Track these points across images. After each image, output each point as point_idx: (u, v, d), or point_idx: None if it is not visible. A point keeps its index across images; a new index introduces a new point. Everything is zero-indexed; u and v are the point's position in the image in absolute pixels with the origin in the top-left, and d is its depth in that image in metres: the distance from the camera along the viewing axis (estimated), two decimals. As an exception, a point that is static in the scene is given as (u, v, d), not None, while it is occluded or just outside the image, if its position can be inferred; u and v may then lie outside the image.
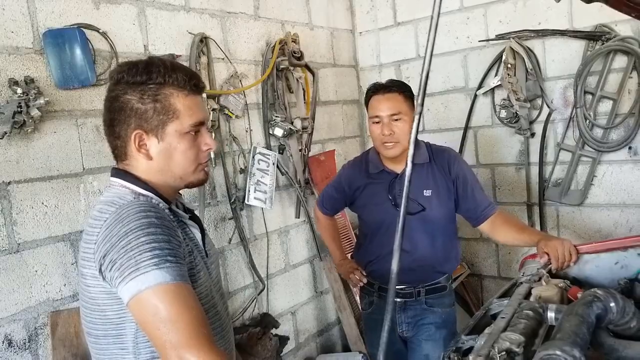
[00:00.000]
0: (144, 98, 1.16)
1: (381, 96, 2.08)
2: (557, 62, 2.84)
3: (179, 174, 1.22)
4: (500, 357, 0.95)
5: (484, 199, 2.12)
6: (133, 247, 1.05)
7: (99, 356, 1.20)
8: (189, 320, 1.03)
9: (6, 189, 1.81)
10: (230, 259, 2.66)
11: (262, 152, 2.75)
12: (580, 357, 0.87)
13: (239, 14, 2.71)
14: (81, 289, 1.19)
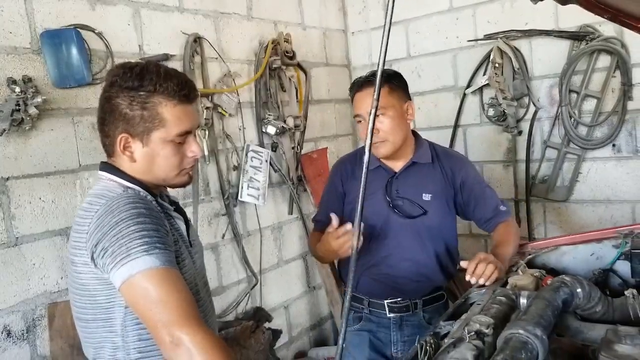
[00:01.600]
0: (133, 104, 1.20)
1: (362, 93, 1.87)
2: (543, 61, 2.91)
3: (161, 177, 1.27)
4: (470, 337, 1.01)
5: (491, 207, 1.94)
6: (124, 235, 1.10)
7: (88, 339, 1.26)
8: (179, 302, 1.08)
9: (5, 185, 1.87)
10: (224, 254, 2.72)
11: (255, 149, 2.81)
12: (542, 336, 0.94)
13: (232, 14, 2.77)
14: (71, 277, 1.24)
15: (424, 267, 1.92)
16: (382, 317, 1.95)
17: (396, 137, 1.85)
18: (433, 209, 1.89)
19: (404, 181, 1.91)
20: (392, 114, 1.83)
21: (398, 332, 1.94)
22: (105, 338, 1.22)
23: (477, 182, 1.98)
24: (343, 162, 2.11)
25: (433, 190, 1.91)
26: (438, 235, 1.93)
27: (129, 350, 1.21)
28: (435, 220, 1.90)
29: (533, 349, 0.92)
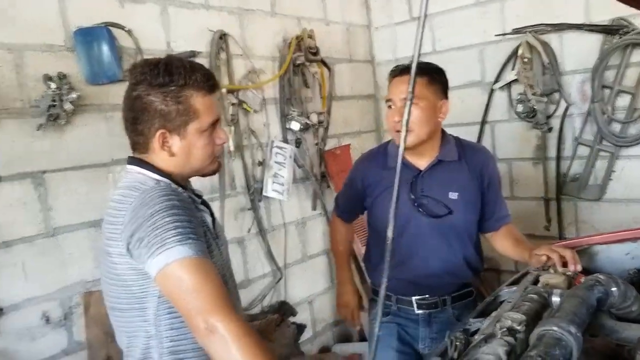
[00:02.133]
0: (167, 100, 1.22)
1: (399, 78, 1.84)
2: (574, 56, 2.84)
3: (197, 167, 1.31)
4: (501, 333, 1.00)
5: (504, 207, 1.98)
6: (159, 226, 1.13)
7: (122, 328, 1.30)
8: (212, 290, 1.11)
9: (42, 177, 1.95)
10: (249, 248, 2.75)
11: (279, 145, 2.83)
12: (576, 333, 0.92)
13: (256, 10, 2.79)
14: (106, 267, 1.28)
15: (451, 266, 1.90)
16: (410, 313, 1.95)
17: (422, 129, 1.80)
18: (459, 207, 1.87)
19: (430, 180, 1.88)
20: (423, 106, 1.78)
21: (426, 328, 1.94)
22: (139, 327, 1.25)
23: (498, 180, 1.98)
24: (365, 161, 2.09)
25: (459, 188, 1.87)
26: (464, 234, 1.91)
27: (161, 339, 1.24)
28: (461, 219, 1.88)
29: (567, 346, 0.91)
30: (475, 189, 1.90)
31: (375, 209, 1.98)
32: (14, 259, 1.88)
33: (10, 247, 1.87)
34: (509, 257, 2.35)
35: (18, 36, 1.88)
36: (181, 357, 1.25)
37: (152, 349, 1.25)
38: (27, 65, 1.91)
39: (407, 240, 1.87)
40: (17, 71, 1.89)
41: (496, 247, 2.01)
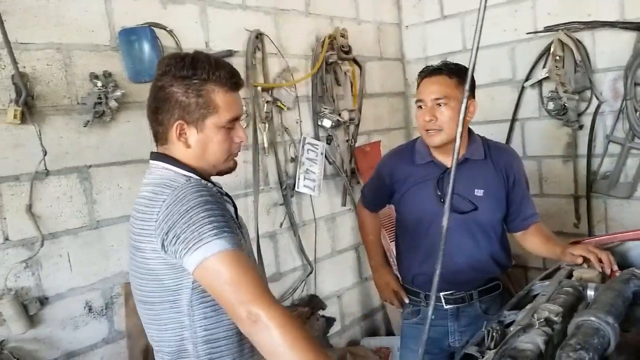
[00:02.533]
0: (189, 92, 1.25)
1: (429, 79, 1.89)
2: (607, 53, 2.83)
3: (212, 162, 1.32)
4: (539, 323, 1.04)
5: (531, 207, 2.01)
6: (195, 222, 1.15)
7: (153, 322, 1.32)
8: (250, 280, 1.13)
9: (87, 172, 2.04)
10: (281, 242, 2.82)
11: (311, 142, 2.89)
12: (614, 324, 0.96)
13: (290, 10, 2.85)
14: (136, 262, 1.29)
15: (477, 261, 1.94)
16: (439, 309, 1.99)
17: (452, 128, 1.84)
18: (484, 204, 1.90)
19: (456, 176, 1.90)
20: (453, 106, 1.83)
21: (455, 323, 1.98)
22: (172, 319, 1.27)
23: (524, 179, 2.00)
24: (393, 157, 2.14)
25: (485, 186, 1.91)
26: (489, 230, 1.95)
27: (195, 329, 1.26)
28: (486, 216, 1.92)
29: (605, 335, 0.94)
30: (501, 187, 1.93)
31: (403, 204, 2.03)
32: (60, 250, 1.97)
33: (56, 239, 1.96)
34: (539, 255, 2.38)
35: (66, 37, 1.98)
36: (215, 346, 1.27)
37: (186, 340, 1.27)
38: (75, 65, 2.01)
39: (433, 235, 1.91)
40: (65, 70, 1.98)
41: (526, 246, 2.03)
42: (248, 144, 2.62)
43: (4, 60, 1.81)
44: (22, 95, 1.82)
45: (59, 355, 1.95)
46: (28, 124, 1.87)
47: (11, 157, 1.84)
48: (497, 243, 1.98)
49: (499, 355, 0.97)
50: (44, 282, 1.93)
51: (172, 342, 1.28)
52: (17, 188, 1.86)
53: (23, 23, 1.87)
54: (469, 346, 1.18)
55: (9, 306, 1.80)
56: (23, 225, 1.87)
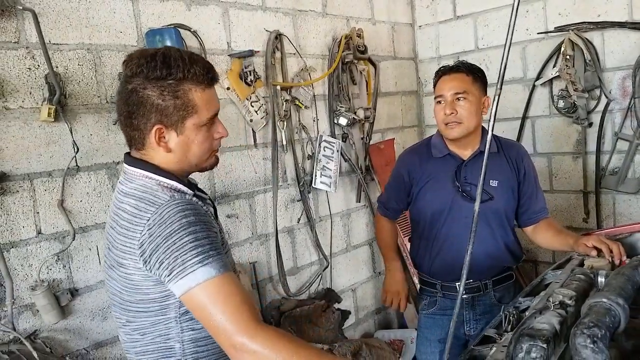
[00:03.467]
0: (164, 94, 1.17)
1: (448, 76, 2.01)
2: (616, 53, 2.90)
3: (194, 162, 1.27)
4: (554, 306, 1.12)
5: (541, 201, 2.09)
6: (178, 248, 1.11)
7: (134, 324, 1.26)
8: (235, 307, 1.11)
9: (116, 168, 2.12)
10: (298, 237, 2.91)
11: (327, 139, 2.97)
12: (624, 305, 1.03)
13: (308, 11, 2.93)
14: (119, 274, 1.23)
15: (492, 250, 2.02)
16: (455, 298, 2.05)
17: (471, 121, 1.97)
18: (499, 194, 2.00)
19: (472, 168, 2.02)
20: (471, 100, 1.96)
21: (470, 312, 2.07)
22: (158, 322, 1.24)
23: (534, 175, 2.09)
24: (410, 154, 2.23)
25: (499, 177, 2.01)
26: (504, 219, 2.04)
27: (182, 329, 1.24)
28: (501, 205, 2.01)
29: (616, 315, 1.02)
30: (513, 178, 2.04)
31: (421, 197, 2.11)
32: (89, 243, 2.05)
33: (86, 233, 2.05)
34: (551, 249, 2.45)
35: (96, 37, 2.07)
36: (201, 344, 1.26)
37: (172, 339, 1.24)
38: (104, 64, 2.09)
39: (450, 224, 2.00)
40: (95, 69, 2.07)
41: (538, 240, 2.11)
42: (267, 142, 2.70)
43: (38, 60, 1.90)
44: (55, 94, 1.90)
45: (88, 345, 2.04)
46: (61, 122, 1.95)
47: (44, 154, 1.93)
48: (511, 233, 2.08)
49: (518, 334, 1.04)
50: (74, 274, 2.01)
51: (157, 341, 1.25)
52: (49, 184, 1.95)
53: (56, 24, 1.95)
54: (487, 328, 1.26)
55: (42, 297, 1.87)
56: (55, 220, 1.95)
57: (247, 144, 2.63)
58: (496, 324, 1.26)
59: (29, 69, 1.88)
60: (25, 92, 1.88)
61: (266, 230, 2.74)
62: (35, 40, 1.86)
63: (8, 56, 1.83)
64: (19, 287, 1.86)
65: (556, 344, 1.06)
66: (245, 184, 2.63)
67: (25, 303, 1.88)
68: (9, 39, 1.83)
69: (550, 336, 1.03)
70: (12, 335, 1.81)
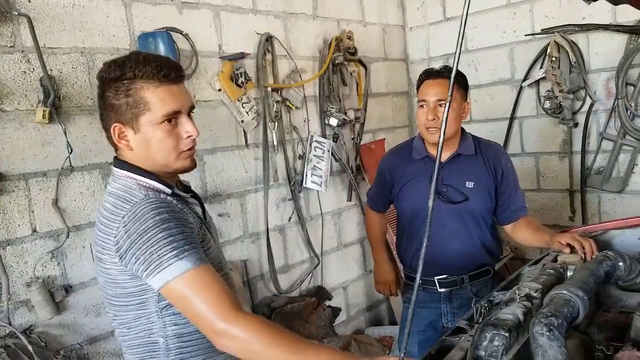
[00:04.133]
0: (118, 94, 1.22)
1: (431, 81, 2.05)
2: (600, 55, 2.96)
3: (161, 162, 1.27)
4: (520, 298, 1.18)
5: (520, 200, 2.15)
6: (153, 244, 1.15)
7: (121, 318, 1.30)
8: (214, 296, 1.15)
9: (109, 168, 2.12)
10: (289, 235, 2.97)
11: (318, 140, 3.03)
12: (583, 297, 1.09)
13: (299, 14, 2.99)
14: (101, 270, 1.29)
15: (468, 247, 2.10)
16: (434, 292, 2.15)
17: (451, 127, 2.03)
18: (474, 195, 2.07)
19: (449, 170, 2.09)
20: (454, 107, 2.01)
21: (448, 305, 2.14)
22: (140, 316, 1.28)
23: (513, 174, 2.15)
24: (392, 155, 2.32)
25: (476, 178, 2.08)
26: (480, 219, 2.11)
27: (165, 324, 1.27)
28: (476, 206, 2.08)
29: (575, 306, 1.08)
30: (490, 180, 2.10)
31: (402, 197, 2.20)
32: (83, 241, 2.11)
33: (80, 231, 2.10)
34: (530, 246, 2.52)
35: (90, 41, 2.12)
36: (186, 339, 1.28)
37: (155, 334, 1.27)
38: (98, 67, 2.04)
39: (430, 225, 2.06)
40: (89, 72, 2.12)
41: (517, 238, 2.17)
42: (258, 142, 2.76)
43: (33, 64, 1.95)
44: (50, 96, 1.95)
45: (82, 340, 2.09)
46: (55, 123, 2.00)
47: (39, 155, 1.98)
48: (487, 232, 2.14)
49: (483, 324, 1.10)
50: (68, 271, 2.06)
51: (141, 335, 1.29)
52: (44, 183, 2.00)
53: (51, 29, 2.01)
54: (460, 320, 1.32)
55: (37, 293, 1.93)
56: (50, 218, 2.01)
57: (239, 144, 2.69)
58: (469, 316, 1.32)
59: (24, 72, 1.94)
60: (21, 95, 1.94)
61: (257, 229, 2.80)
62: (30, 45, 1.91)
63: (4, 60, 1.89)
64: (15, 283, 1.91)
65: (519, 333, 1.12)
66: (236, 184, 2.69)
67: (21, 299, 1.93)
68: (5, 44, 1.89)
69: (513, 326, 1.09)
70: (8, 329, 1.87)
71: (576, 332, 1.38)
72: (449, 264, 2.10)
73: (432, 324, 2.15)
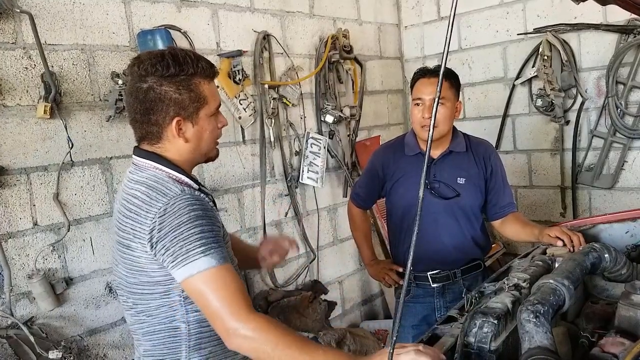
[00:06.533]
0: (180, 89, 1.27)
1: (427, 80, 2.07)
2: (591, 54, 3.02)
3: (205, 151, 1.37)
4: (508, 288, 1.23)
5: (508, 197, 2.18)
6: (184, 238, 1.21)
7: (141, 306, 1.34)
8: (232, 295, 1.21)
9: (109, 163, 2.22)
10: (286, 230, 3.01)
11: (314, 136, 3.07)
12: (569, 286, 1.14)
13: (296, 13, 3.03)
14: (124, 257, 1.31)
15: (459, 242, 2.14)
16: (427, 287, 2.20)
17: (446, 125, 2.07)
18: (466, 191, 2.11)
19: (441, 167, 2.14)
20: (448, 105, 2.05)
21: (441, 299, 2.18)
22: (163, 304, 1.32)
23: (501, 171, 2.19)
24: (384, 150, 2.32)
25: (467, 175, 2.12)
26: (470, 214, 2.14)
27: (187, 311, 1.32)
28: (467, 201, 2.12)
29: (561, 295, 1.13)
30: (480, 176, 2.14)
31: (394, 192, 2.23)
32: (84, 235, 2.15)
33: (81, 225, 2.14)
34: (519, 241, 2.57)
35: (90, 38, 2.16)
36: (205, 325, 1.31)
37: (176, 320, 1.32)
38: (98, 64, 2.18)
39: (423, 221, 2.06)
40: (89, 69, 2.16)
41: (506, 233, 2.22)
42: (255, 138, 2.80)
43: (35, 60, 1.99)
44: (51, 92, 1.99)
45: (82, 331, 2.13)
46: (56, 118, 2.04)
47: (40, 149, 2.02)
48: (477, 227, 2.19)
49: (472, 312, 1.15)
50: (69, 264, 2.10)
51: (164, 322, 1.33)
52: (45, 177, 2.04)
53: (52, 26, 2.05)
54: (452, 310, 1.37)
55: (38, 285, 1.97)
56: (51, 212, 2.05)
57: (236, 140, 2.73)
58: (460, 306, 1.37)
59: (25, 68, 1.98)
60: (22, 91, 1.97)
61: (254, 224, 2.84)
62: (31, 41, 1.94)
63: (6, 56, 1.92)
64: (17, 275, 1.95)
65: (508, 321, 1.17)
66: (234, 179, 2.74)
67: (23, 291, 1.97)
68: (7, 40, 1.93)
69: (502, 314, 1.14)
70: (10, 320, 1.91)
71: (564, 322, 1.44)
72: (442, 259, 2.14)
73: (426, 318, 2.19)
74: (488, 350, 1.10)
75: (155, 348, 1.35)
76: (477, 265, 2.21)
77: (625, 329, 1.17)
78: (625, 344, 1.09)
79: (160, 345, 1.35)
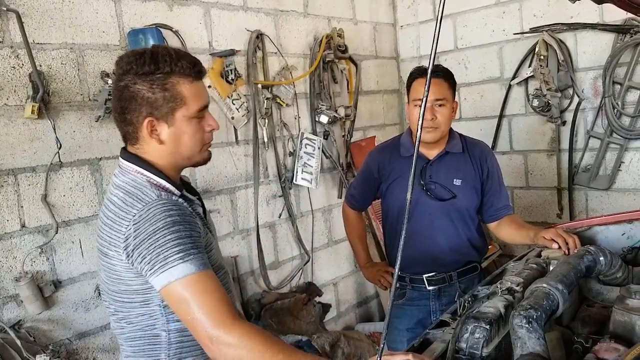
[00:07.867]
0: (154, 87, 1.22)
1: (425, 80, 1.99)
2: (588, 54, 3.00)
3: (187, 155, 1.30)
4: (502, 292, 1.20)
5: (504, 199, 2.15)
6: (161, 244, 1.16)
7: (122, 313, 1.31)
8: (213, 303, 1.16)
9: (98, 164, 2.19)
10: (280, 232, 2.98)
11: (308, 137, 3.04)
12: (563, 290, 1.11)
13: (290, 12, 3.00)
14: (104, 264, 1.29)
15: (455, 244, 2.11)
16: (423, 290, 2.16)
17: (446, 127, 2.05)
18: (462, 193, 2.08)
19: (437, 168, 2.11)
20: (449, 107, 2.03)
21: (437, 302, 2.15)
22: (144, 313, 1.28)
23: (498, 173, 2.16)
24: (380, 151, 2.29)
25: (463, 176, 2.09)
26: (466, 216, 2.12)
27: (167, 320, 1.28)
28: (463, 203, 2.09)
29: (554, 299, 1.10)
30: (477, 177, 2.11)
31: (389, 194, 2.19)
32: (72, 237, 2.11)
33: (69, 226, 2.11)
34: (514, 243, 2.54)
35: (79, 37, 2.12)
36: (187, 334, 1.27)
37: (157, 328, 1.29)
38: (87, 63, 2.15)
39: (416, 220, 2.08)
40: (78, 68, 2.13)
41: (501, 236, 2.19)
42: (248, 139, 2.77)
43: (22, 59, 1.96)
44: (39, 92, 1.96)
45: (71, 335, 2.10)
46: (44, 119, 2.01)
47: (28, 150, 1.99)
48: (473, 229, 2.15)
49: (464, 317, 1.12)
50: (57, 266, 2.07)
51: (143, 329, 1.30)
52: (33, 179, 2.00)
53: (40, 25, 2.01)
54: (444, 314, 1.34)
55: (26, 288, 1.93)
56: (39, 214, 2.01)
57: (229, 140, 2.70)
58: (453, 310, 1.34)
59: (13, 67, 1.94)
60: (10, 90, 1.94)
61: (247, 225, 2.81)
62: (19, 40, 1.91)
63: (-8, 55, 1.89)
64: (4, 278, 1.92)
65: (500, 326, 1.14)
66: (226, 180, 2.70)
67: (10, 294, 1.94)
68: (-7, 39, 1.89)
69: (494, 319, 1.11)
70: (-4, 324, 1.88)
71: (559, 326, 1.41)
72: (438, 261, 2.11)
73: (422, 321, 2.15)
74: (480, 357, 1.07)
75: (136, 355, 1.32)
76: (474, 268, 2.18)
77: (620, 334, 1.14)
78: (619, 349, 1.07)
79: (140, 352, 1.31)
